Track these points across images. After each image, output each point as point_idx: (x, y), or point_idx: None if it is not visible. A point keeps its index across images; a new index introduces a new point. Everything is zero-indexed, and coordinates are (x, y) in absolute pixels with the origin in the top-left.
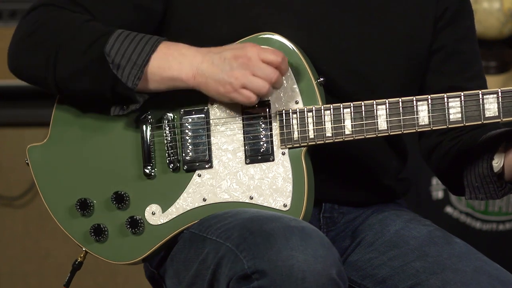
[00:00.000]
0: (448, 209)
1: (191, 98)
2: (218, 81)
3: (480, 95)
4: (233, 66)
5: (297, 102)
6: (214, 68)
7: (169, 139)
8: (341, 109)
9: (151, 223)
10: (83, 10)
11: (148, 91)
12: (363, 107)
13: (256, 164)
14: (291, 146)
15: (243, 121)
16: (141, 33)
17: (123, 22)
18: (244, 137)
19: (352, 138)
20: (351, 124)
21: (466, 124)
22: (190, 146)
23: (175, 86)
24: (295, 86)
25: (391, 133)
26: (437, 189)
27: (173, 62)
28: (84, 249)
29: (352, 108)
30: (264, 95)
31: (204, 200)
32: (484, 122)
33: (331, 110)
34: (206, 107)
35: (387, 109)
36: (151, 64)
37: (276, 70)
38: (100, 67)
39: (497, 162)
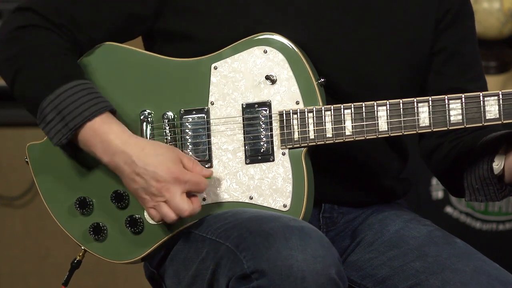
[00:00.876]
0: (448, 209)
1: (191, 98)
2: (135, 190)
3: (481, 97)
4: (151, 191)
5: (297, 103)
6: (135, 178)
7: (169, 138)
8: (342, 109)
9: (150, 222)
10: (69, 21)
11: (78, 147)
12: (363, 108)
13: (256, 164)
14: (291, 146)
15: (243, 121)
16: (94, 92)
17: (113, 28)
18: (244, 137)
19: (352, 139)
20: (352, 125)
21: (467, 126)
22: (190, 146)
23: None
24: (296, 86)
25: (391, 134)
26: (437, 189)
27: (98, 145)
28: (83, 248)
29: (352, 109)
30: (169, 221)
31: (204, 199)
32: (485, 124)
33: (332, 110)
34: (206, 107)
35: (388, 110)
36: (83, 131)
37: (190, 205)
38: (34, 112)
39: (498, 164)
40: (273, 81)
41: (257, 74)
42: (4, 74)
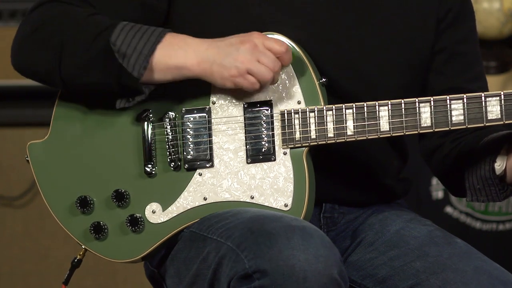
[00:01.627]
0: (448, 209)
1: (193, 97)
2: (223, 66)
3: (483, 98)
4: (240, 50)
5: (299, 102)
6: (219, 53)
7: (171, 137)
8: (343, 109)
9: (151, 221)
10: (88, 6)
11: (153, 81)
12: (365, 108)
13: (258, 164)
14: (292, 146)
15: (244, 121)
16: (142, 25)
17: (128, 19)
18: (245, 136)
19: (354, 139)
20: (353, 125)
21: (469, 126)
22: (191, 145)
23: (180, 75)
24: (297, 86)
25: (393, 134)
26: (437, 189)
27: (179, 51)
28: (83, 247)
29: (354, 109)
30: (267, 82)
31: (205, 199)
32: (487, 124)
33: (333, 110)
34: (208, 106)
35: (389, 110)
36: (157, 54)
37: (279, 60)
38: (106, 58)
39: (499, 165)
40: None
41: None
42: (46, 59)
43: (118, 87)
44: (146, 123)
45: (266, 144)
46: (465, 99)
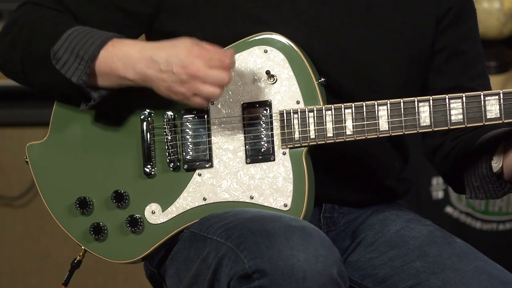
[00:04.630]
0: (448, 209)
1: None
2: (168, 89)
3: (482, 97)
4: (182, 78)
5: (298, 102)
6: (162, 76)
7: (170, 138)
8: (343, 109)
9: (150, 222)
10: (66, 11)
11: (100, 87)
12: (364, 107)
13: (257, 164)
14: (292, 146)
15: (244, 121)
16: (95, 29)
17: (110, 26)
18: (245, 136)
19: (353, 139)
20: (352, 125)
21: (468, 125)
22: (190, 146)
23: (125, 85)
24: (296, 86)
25: (392, 134)
26: (437, 189)
27: (118, 63)
28: (83, 247)
29: (353, 108)
30: (217, 98)
31: (204, 199)
32: (486, 123)
33: (332, 110)
34: (207, 107)
35: (389, 110)
36: (99, 61)
37: (226, 71)
38: (49, 64)
39: (496, 162)
40: (272, 76)
41: (257, 73)
42: (13, 58)
43: (72, 91)
44: (145, 123)
45: (265, 144)
46: (464, 98)
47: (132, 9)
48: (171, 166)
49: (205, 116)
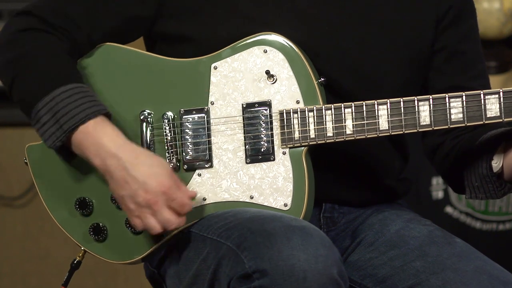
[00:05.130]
0: (448, 209)
1: (191, 98)
2: (121, 197)
3: (482, 96)
4: (138, 200)
5: (298, 102)
6: (124, 185)
7: (169, 138)
8: (342, 108)
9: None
10: (67, 23)
11: (72, 151)
12: (364, 107)
13: (257, 164)
14: (292, 145)
15: (243, 121)
16: (89, 95)
17: (112, 29)
18: (244, 136)
19: (353, 138)
20: (352, 124)
21: (468, 124)
22: (190, 146)
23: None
24: (296, 86)
25: (392, 133)
26: (437, 189)
27: (91, 147)
28: (83, 248)
29: (353, 107)
30: (153, 233)
31: (204, 199)
32: (486, 122)
33: (332, 109)
34: (206, 107)
35: (389, 109)
36: (76, 134)
37: (179, 218)
38: (28, 115)
39: (496, 162)
40: (272, 76)
41: (257, 73)
42: (2, 77)
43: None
44: (144, 124)
45: (265, 144)
46: (464, 97)
47: (133, 13)
48: (171, 166)
49: (205, 116)
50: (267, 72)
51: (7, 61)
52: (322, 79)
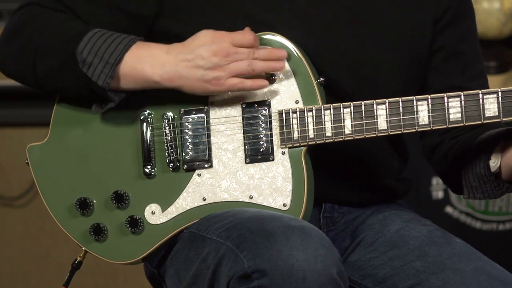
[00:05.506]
0: (448, 209)
1: (191, 98)
2: (202, 78)
3: (480, 95)
4: (215, 62)
5: (297, 102)
6: (193, 67)
7: (169, 138)
8: (341, 108)
9: (150, 222)
10: (69, 11)
11: (123, 89)
12: (363, 106)
13: (256, 164)
14: (291, 145)
15: (243, 121)
16: (115, 32)
17: (111, 27)
18: (244, 136)
19: (352, 138)
20: (351, 124)
21: (466, 124)
22: (190, 146)
23: (150, 87)
24: (295, 86)
25: (391, 133)
26: (437, 189)
27: (145, 64)
28: (83, 248)
29: (352, 107)
30: (250, 73)
31: (204, 199)
32: (484, 122)
33: (331, 109)
34: (206, 107)
35: (387, 109)
36: (124, 64)
37: (251, 48)
38: (72, 67)
39: (494, 162)
40: (272, 76)
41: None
42: (22, 62)
43: (89, 93)
44: (144, 124)
45: (265, 144)
46: (462, 97)
47: (134, 11)
48: (170, 166)
49: (205, 116)
50: (266, 73)
51: (19, 46)
52: (322, 79)
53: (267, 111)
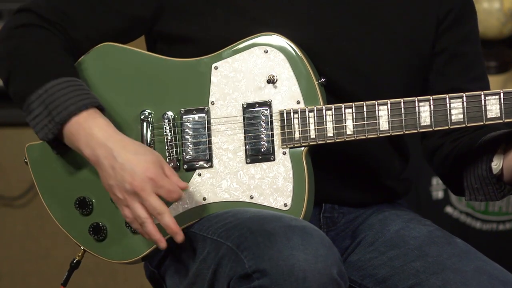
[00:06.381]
0: (448, 209)
1: (192, 97)
2: (110, 186)
3: (482, 96)
4: (126, 187)
5: (298, 102)
6: (112, 173)
7: (170, 138)
8: (343, 109)
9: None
10: (65, 20)
11: (63, 144)
12: (364, 107)
13: (257, 164)
14: (292, 146)
15: (244, 121)
16: (82, 89)
17: (111, 28)
18: (245, 136)
19: (353, 138)
20: (353, 124)
21: (468, 125)
22: (190, 145)
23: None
24: (296, 86)
25: (392, 134)
26: (437, 189)
27: (82, 138)
28: (82, 248)
29: (353, 108)
30: (143, 221)
31: (204, 199)
32: (486, 123)
33: (333, 110)
34: (207, 107)
35: (389, 110)
36: (67, 126)
37: (165, 206)
38: (21, 107)
39: (496, 164)
40: (274, 82)
41: (257, 74)
42: (0, 72)
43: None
44: (145, 123)
45: (266, 144)
46: (464, 98)
47: (133, 13)
48: (171, 166)
49: (205, 116)
50: (268, 81)
51: (3, 56)
52: (323, 79)
53: (268, 111)
